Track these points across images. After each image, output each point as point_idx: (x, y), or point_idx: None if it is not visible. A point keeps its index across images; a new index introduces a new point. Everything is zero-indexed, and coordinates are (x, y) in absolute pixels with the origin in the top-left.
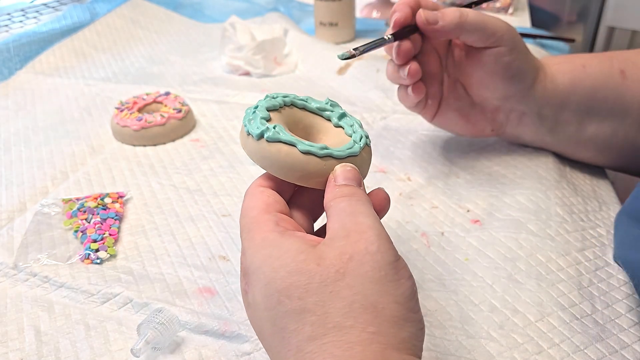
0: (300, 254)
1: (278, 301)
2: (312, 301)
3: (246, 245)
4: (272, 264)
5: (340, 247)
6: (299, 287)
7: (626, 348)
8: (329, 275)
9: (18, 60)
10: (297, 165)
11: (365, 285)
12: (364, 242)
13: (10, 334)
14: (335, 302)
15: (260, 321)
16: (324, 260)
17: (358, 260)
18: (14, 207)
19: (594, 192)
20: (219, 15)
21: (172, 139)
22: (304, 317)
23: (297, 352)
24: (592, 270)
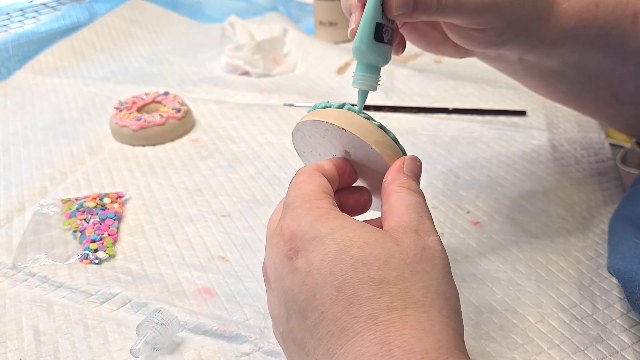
0: (376, 231)
1: (353, 267)
2: (393, 274)
3: (301, 212)
4: (347, 234)
5: (414, 237)
6: (379, 258)
7: (627, 349)
8: (409, 256)
9: (17, 60)
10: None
11: (438, 275)
12: (431, 241)
13: (9, 334)
14: (415, 281)
15: (317, 287)
16: (402, 242)
17: (430, 252)
18: (13, 207)
19: (600, 184)
20: (218, 14)
21: (171, 139)
22: (383, 287)
23: (369, 319)
24: (593, 269)
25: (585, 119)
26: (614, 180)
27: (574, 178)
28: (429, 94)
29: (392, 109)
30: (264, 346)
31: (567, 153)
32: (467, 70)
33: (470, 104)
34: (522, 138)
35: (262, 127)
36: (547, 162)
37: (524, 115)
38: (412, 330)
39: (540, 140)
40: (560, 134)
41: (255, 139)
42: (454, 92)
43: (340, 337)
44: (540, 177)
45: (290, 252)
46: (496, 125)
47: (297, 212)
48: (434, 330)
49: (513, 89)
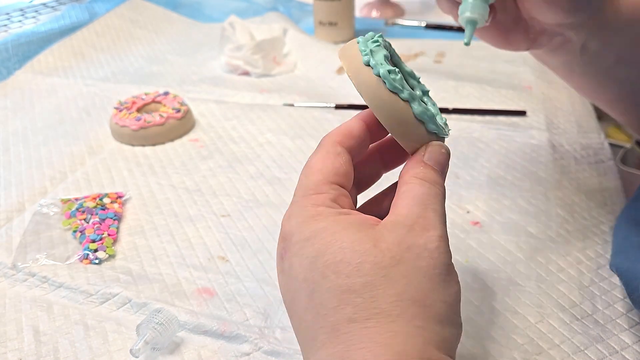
0: (357, 232)
1: (322, 275)
2: (360, 282)
3: (296, 210)
4: (325, 238)
5: (400, 235)
6: (349, 264)
7: (627, 349)
8: (384, 259)
9: (17, 60)
10: (409, 126)
11: (418, 279)
12: (425, 238)
13: (9, 333)
14: (385, 288)
15: (295, 292)
16: (381, 243)
17: (416, 252)
18: (13, 207)
19: (599, 184)
20: (218, 14)
21: (171, 139)
22: (348, 296)
23: (331, 331)
24: (593, 269)
25: (585, 119)
26: (614, 180)
27: (573, 178)
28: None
29: None
30: (264, 346)
31: (567, 153)
32: (467, 70)
33: (470, 104)
34: (522, 138)
35: (262, 127)
36: (546, 162)
37: (524, 115)
38: (369, 343)
39: (540, 140)
40: (560, 134)
41: (255, 139)
42: (454, 92)
43: (312, 344)
44: (540, 177)
45: (282, 252)
46: (496, 126)
47: (293, 208)
48: (394, 343)
49: (513, 89)
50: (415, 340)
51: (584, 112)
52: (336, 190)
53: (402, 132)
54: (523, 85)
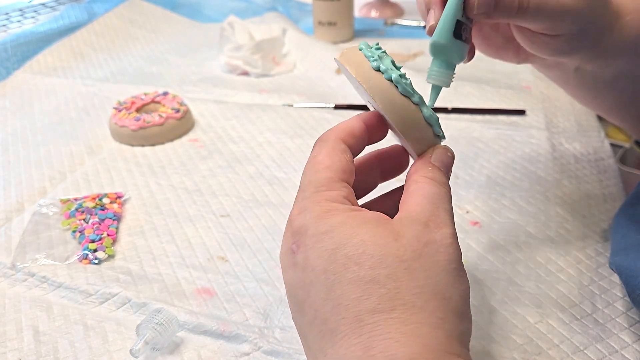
0: (376, 227)
1: (345, 266)
2: (384, 273)
3: (309, 205)
4: (344, 231)
5: (418, 230)
6: (372, 256)
7: (627, 348)
8: (405, 253)
9: (16, 60)
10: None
11: (438, 273)
12: (440, 235)
13: (9, 334)
14: (408, 281)
15: (312, 285)
16: (401, 237)
17: (434, 247)
18: (12, 207)
19: (599, 183)
20: (217, 15)
21: (171, 139)
22: (372, 287)
23: (355, 322)
24: (593, 269)
25: (585, 118)
26: (614, 179)
27: (573, 177)
28: (428, 93)
29: None
30: (263, 346)
31: (567, 152)
32: (467, 70)
33: (469, 103)
34: (522, 137)
35: (262, 127)
36: (546, 161)
37: (523, 114)
38: (396, 334)
39: (540, 139)
40: (559, 133)
41: (254, 138)
42: (453, 92)
43: (330, 337)
44: (539, 177)
45: (294, 246)
46: (495, 125)
47: (305, 204)
48: (420, 334)
49: (512, 89)
50: (438, 332)
51: (583, 112)
52: (346, 188)
53: (414, 134)
54: (522, 85)
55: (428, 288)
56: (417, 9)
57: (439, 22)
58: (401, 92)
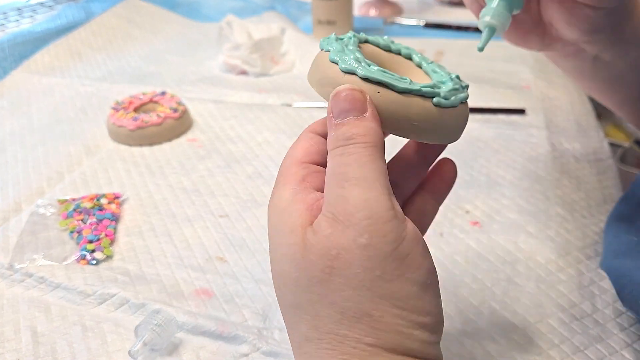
0: (291, 234)
1: (278, 287)
2: (305, 299)
3: (271, 196)
4: (274, 238)
5: (325, 238)
6: (290, 278)
7: (627, 348)
8: (315, 275)
9: (13, 59)
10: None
11: (357, 291)
12: (351, 231)
13: (7, 334)
14: (325, 307)
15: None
16: (309, 253)
17: (346, 258)
18: (10, 207)
19: (599, 182)
20: (215, 14)
21: (169, 138)
22: (300, 314)
23: (298, 347)
24: (593, 269)
25: (585, 118)
26: (613, 179)
27: (573, 177)
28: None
29: None
30: (262, 347)
31: (566, 152)
32: (466, 69)
33: (469, 102)
34: (521, 137)
35: (260, 126)
36: (546, 160)
37: (523, 113)
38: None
39: (539, 138)
40: (559, 133)
41: (253, 138)
42: None
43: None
44: (539, 176)
45: None
46: (495, 124)
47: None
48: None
49: (512, 88)
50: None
51: (583, 111)
52: (306, 169)
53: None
54: (522, 84)
55: (349, 313)
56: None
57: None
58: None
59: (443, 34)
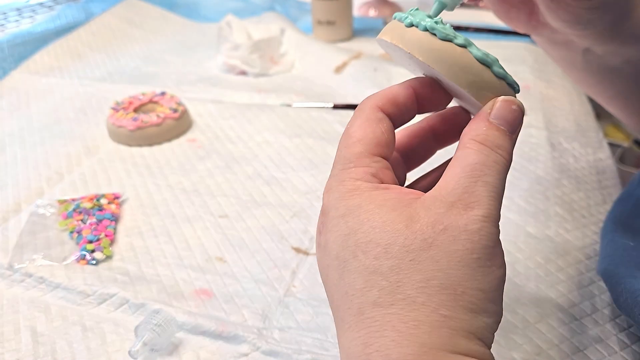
0: (390, 211)
1: (353, 254)
2: (387, 264)
3: (334, 184)
4: (359, 215)
5: (438, 214)
6: (378, 244)
7: (626, 349)
8: (414, 242)
9: (12, 60)
10: (473, 70)
11: (451, 264)
12: (466, 218)
13: (7, 334)
14: (412, 273)
15: (329, 268)
16: (414, 223)
17: (452, 235)
18: (9, 207)
19: (598, 182)
20: (214, 14)
21: (168, 139)
22: (374, 278)
23: (357, 314)
24: (592, 269)
25: (584, 118)
26: (613, 179)
27: (572, 177)
28: None
29: None
30: (262, 346)
31: (566, 152)
32: None
33: None
34: (521, 137)
35: (260, 126)
36: (545, 160)
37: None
38: (392, 332)
39: (539, 139)
40: (558, 133)
41: (252, 138)
42: None
43: (340, 325)
44: (538, 176)
45: (320, 226)
46: None
47: (331, 183)
48: (418, 333)
49: None
50: (440, 331)
51: (582, 111)
52: (378, 163)
53: (466, 78)
54: (521, 84)
55: (435, 282)
56: None
57: None
58: (440, 37)
59: None
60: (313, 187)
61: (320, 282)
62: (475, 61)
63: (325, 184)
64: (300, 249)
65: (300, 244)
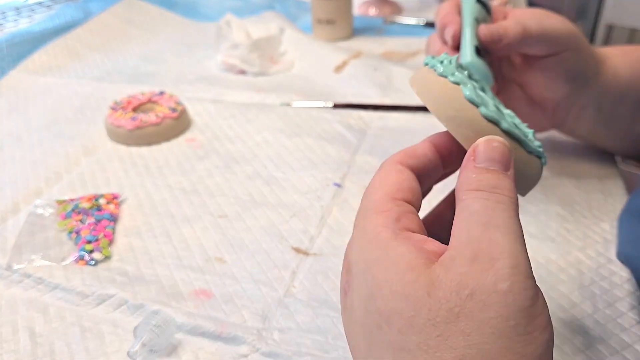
0: (409, 272)
1: (377, 325)
2: (414, 340)
3: (356, 234)
4: (377, 275)
5: (460, 275)
6: (401, 317)
7: (627, 348)
8: (439, 313)
9: (11, 59)
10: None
11: (485, 337)
12: (493, 274)
13: (5, 335)
14: (442, 351)
15: (356, 335)
16: (437, 290)
17: (481, 299)
18: (7, 207)
19: (600, 182)
20: (213, 13)
21: (167, 138)
22: (404, 356)
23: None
24: (593, 269)
25: None
26: (614, 178)
27: (573, 177)
28: None
29: (390, 108)
30: (261, 347)
31: (566, 151)
32: None
33: None
34: None
35: (259, 126)
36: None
37: None
38: None
39: (539, 139)
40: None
41: (252, 138)
42: None
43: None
44: None
45: (346, 286)
46: None
47: (354, 234)
48: None
49: None
50: None
51: None
52: (400, 207)
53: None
54: None
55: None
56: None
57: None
58: (438, 73)
59: None
60: (313, 187)
61: (320, 283)
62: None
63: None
64: (300, 249)
65: (300, 244)
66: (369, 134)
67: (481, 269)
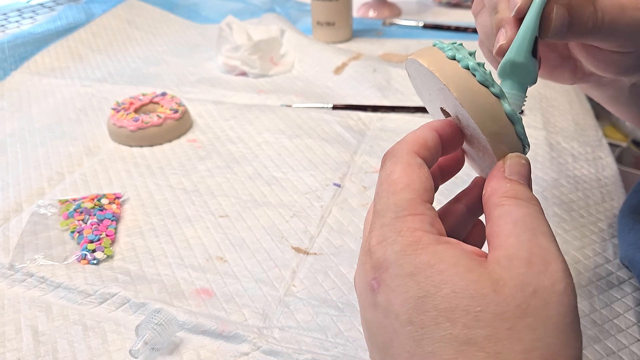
0: (469, 273)
1: (435, 321)
2: (482, 334)
3: (390, 235)
4: (432, 276)
5: (521, 275)
6: (468, 312)
7: (623, 350)
8: (508, 309)
9: (13, 60)
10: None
11: (549, 332)
12: (550, 276)
13: (8, 334)
14: (512, 343)
15: (395, 333)
16: (503, 287)
17: (543, 298)
18: (10, 207)
19: (597, 181)
20: (214, 15)
21: (169, 139)
22: (469, 350)
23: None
24: (591, 269)
25: (583, 117)
26: (612, 177)
27: (571, 177)
28: None
29: (389, 109)
30: (262, 346)
31: (564, 151)
32: None
33: None
34: None
35: (260, 127)
36: (544, 160)
37: (521, 113)
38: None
39: (537, 139)
40: (557, 133)
41: (252, 139)
42: None
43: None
44: (537, 176)
45: (373, 283)
46: None
47: (385, 233)
48: None
49: None
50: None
51: (581, 111)
52: (431, 211)
53: (492, 128)
54: None
55: (536, 352)
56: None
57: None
58: (479, 80)
59: (442, 35)
60: (313, 187)
61: (320, 282)
62: (504, 114)
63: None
64: (300, 248)
65: (300, 244)
66: (368, 134)
67: (537, 271)
